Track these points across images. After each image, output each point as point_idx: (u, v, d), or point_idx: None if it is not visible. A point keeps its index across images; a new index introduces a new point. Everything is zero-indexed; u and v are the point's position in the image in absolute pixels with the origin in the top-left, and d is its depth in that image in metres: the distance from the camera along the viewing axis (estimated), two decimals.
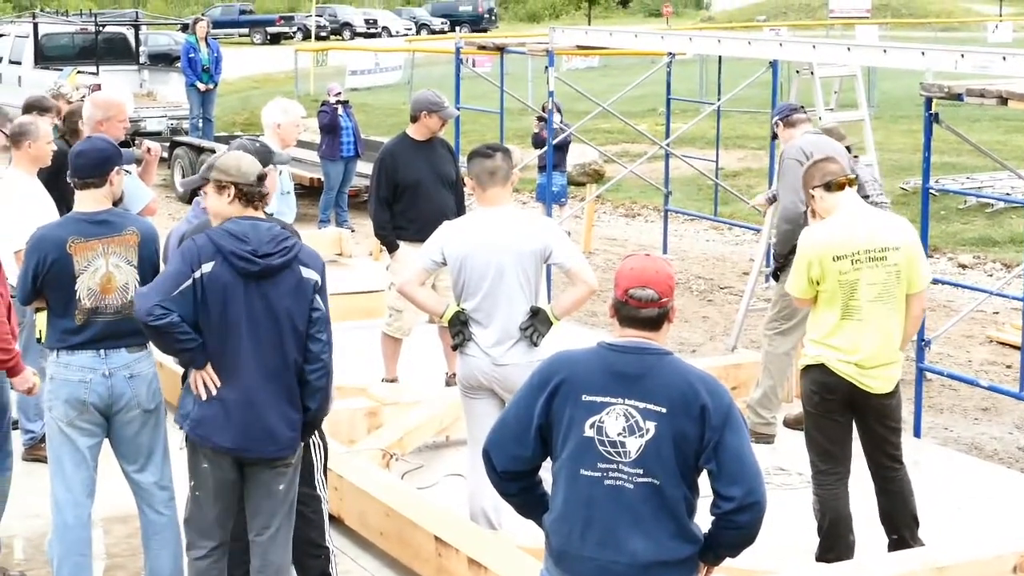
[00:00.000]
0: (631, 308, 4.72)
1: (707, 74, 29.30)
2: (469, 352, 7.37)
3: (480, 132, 23.70)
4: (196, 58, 22.72)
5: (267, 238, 5.94)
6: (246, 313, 5.90)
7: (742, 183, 21.76)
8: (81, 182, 6.63)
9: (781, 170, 9.51)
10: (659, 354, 4.70)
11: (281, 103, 9.32)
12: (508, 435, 4.82)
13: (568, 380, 4.70)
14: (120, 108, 8.98)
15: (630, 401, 4.62)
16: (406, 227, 10.15)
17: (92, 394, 6.57)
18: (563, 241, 7.43)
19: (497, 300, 7.27)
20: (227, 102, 32.47)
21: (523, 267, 7.28)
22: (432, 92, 10.51)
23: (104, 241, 6.59)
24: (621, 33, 15.56)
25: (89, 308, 6.55)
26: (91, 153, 6.65)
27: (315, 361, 5.96)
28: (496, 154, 7.46)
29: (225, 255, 5.89)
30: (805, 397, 7.31)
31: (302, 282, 5.95)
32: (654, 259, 4.84)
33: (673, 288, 4.78)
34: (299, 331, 5.94)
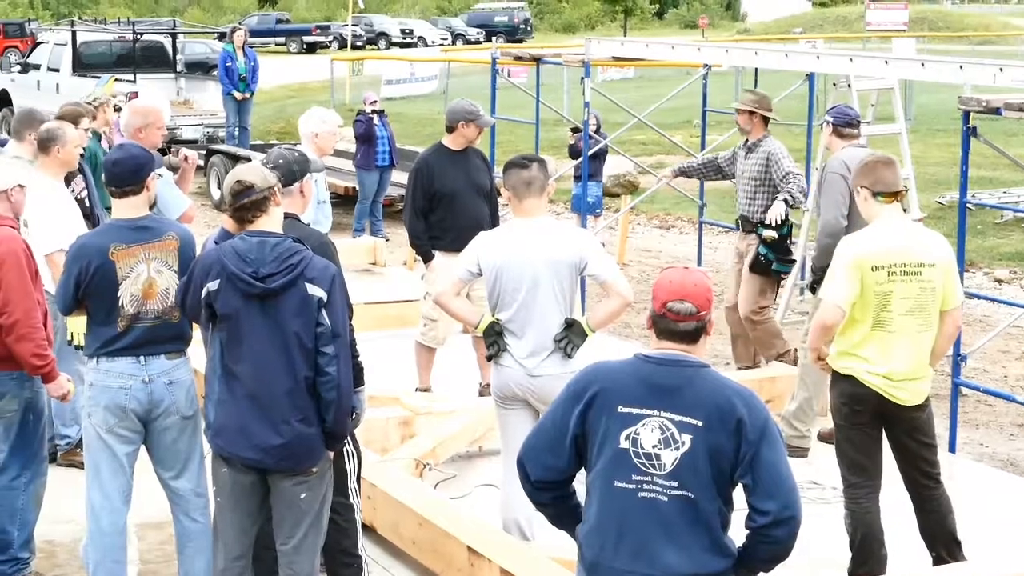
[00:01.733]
0: (669, 321, 4.72)
1: (743, 86, 29.23)
2: (503, 363, 7.37)
3: (515, 143, 23.72)
4: (233, 67, 22.80)
5: (271, 257, 5.93)
6: (253, 331, 5.94)
7: None
8: (119, 190, 6.67)
9: (823, 183, 9.47)
10: (696, 367, 4.70)
11: (318, 112, 9.35)
12: (543, 444, 4.83)
13: (604, 391, 4.70)
14: (158, 115, 9.03)
15: (666, 413, 4.62)
16: (441, 237, 10.17)
17: (132, 400, 6.61)
18: (598, 253, 7.42)
19: (532, 311, 7.27)
20: (263, 111, 32.56)
21: (558, 278, 7.28)
22: (467, 101, 10.54)
23: (145, 247, 6.63)
24: (658, 44, 15.54)
25: (131, 314, 6.60)
26: (127, 161, 6.68)
27: (324, 375, 5.95)
28: (532, 165, 7.46)
29: (228, 275, 5.95)
30: (834, 409, 7.28)
31: (307, 300, 5.93)
32: (692, 272, 4.83)
33: (711, 301, 4.77)
34: (307, 347, 5.93)
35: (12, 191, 7.36)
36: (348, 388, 6.04)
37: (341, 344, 5.98)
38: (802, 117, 16.19)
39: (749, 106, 11.07)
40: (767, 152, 10.94)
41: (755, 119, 11.06)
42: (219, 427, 6.06)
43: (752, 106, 11.05)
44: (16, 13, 76.37)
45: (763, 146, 11.01)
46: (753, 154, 11.06)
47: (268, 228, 6.06)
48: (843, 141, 9.54)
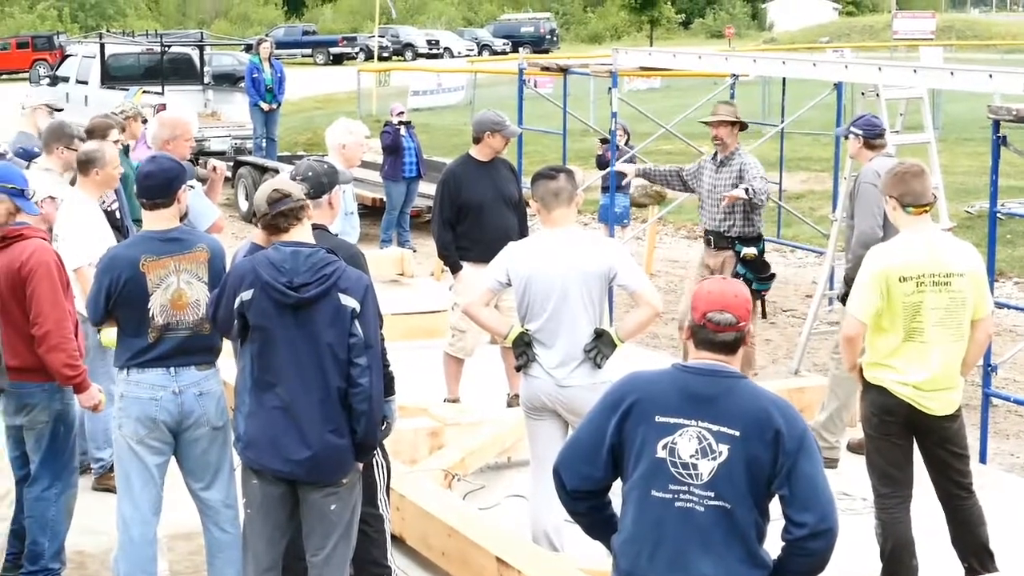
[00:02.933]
0: (709, 332, 4.73)
1: (770, 95, 29.21)
2: (533, 373, 7.37)
3: (542, 153, 23.71)
4: (260, 78, 22.86)
5: (305, 267, 5.95)
6: (286, 341, 5.96)
7: (805, 205, 21.65)
8: (150, 203, 6.68)
9: (856, 194, 9.43)
10: (734, 377, 4.70)
11: (346, 124, 9.37)
12: (579, 454, 4.83)
13: (642, 401, 4.71)
14: (186, 127, 9.06)
15: (704, 423, 4.62)
16: (469, 248, 10.18)
17: (163, 412, 6.63)
18: (628, 263, 7.42)
19: (561, 321, 7.27)
20: (290, 122, 32.65)
21: (587, 288, 7.28)
22: (494, 112, 10.55)
23: (176, 258, 6.65)
24: (685, 54, 15.53)
25: (162, 325, 6.62)
26: (159, 174, 6.69)
27: (355, 386, 5.95)
28: (560, 175, 7.46)
29: (262, 285, 5.96)
30: (865, 419, 7.26)
31: (340, 310, 5.94)
32: (731, 283, 4.84)
33: (750, 312, 4.79)
34: (339, 358, 5.94)
35: (43, 203, 7.40)
36: (379, 399, 6.05)
37: (373, 355, 5.99)
38: (830, 127, 16.16)
39: (731, 117, 10.87)
40: (740, 164, 10.79)
41: (735, 130, 10.89)
42: (249, 439, 6.08)
43: (733, 116, 10.86)
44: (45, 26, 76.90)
45: (736, 158, 10.85)
46: (726, 168, 10.88)
47: (301, 239, 6.08)
48: (872, 152, 9.50)
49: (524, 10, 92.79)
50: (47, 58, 55.91)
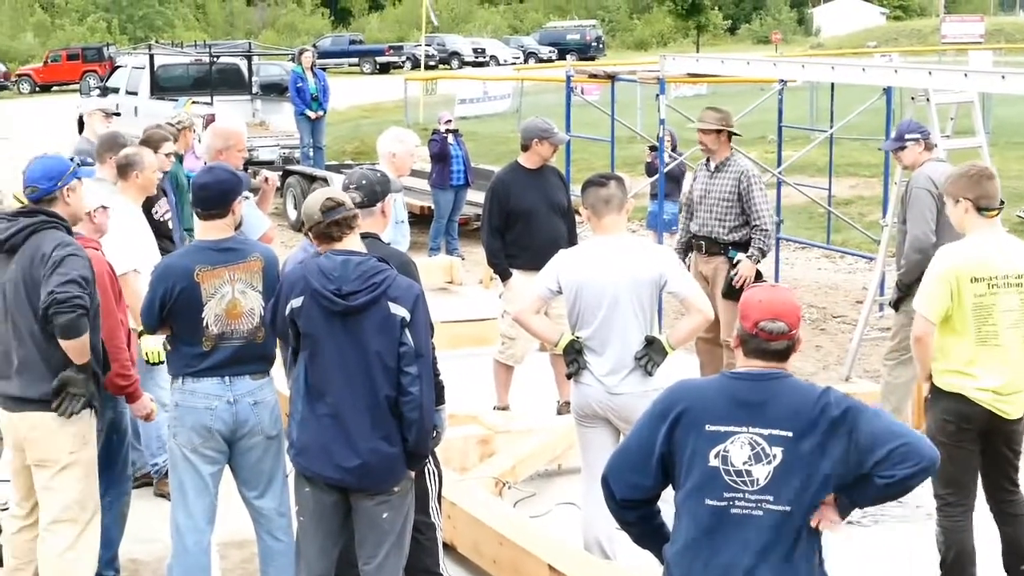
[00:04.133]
0: (761, 340, 4.70)
1: (818, 101, 29.07)
2: (583, 381, 7.36)
3: (589, 160, 23.69)
4: (304, 87, 22.96)
5: (355, 275, 5.95)
6: (336, 348, 5.96)
7: (854, 211, 21.55)
8: (205, 213, 6.71)
9: (908, 199, 9.36)
10: (779, 378, 4.68)
11: (396, 132, 9.38)
12: (628, 463, 4.81)
13: (691, 410, 4.69)
14: (239, 138, 9.10)
15: (755, 429, 4.60)
16: (518, 255, 10.18)
17: (217, 421, 6.65)
18: (678, 269, 7.40)
19: (612, 329, 7.26)
20: (337, 131, 32.75)
21: (638, 296, 7.26)
22: (541, 119, 10.55)
23: (230, 268, 6.67)
24: (733, 60, 15.50)
25: (216, 334, 6.63)
26: (215, 185, 6.71)
27: (405, 394, 5.94)
28: (610, 182, 7.45)
29: (311, 292, 5.98)
30: (937, 427, 7.06)
31: (389, 319, 5.93)
32: (782, 290, 4.81)
33: (801, 319, 4.76)
34: (389, 367, 5.93)
35: (96, 213, 7.42)
36: (430, 408, 6.03)
37: (424, 364, 5.97)
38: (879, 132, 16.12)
39: (717, 124, 10.69)
40: (739, 172, 10.58)
41: (722, 137, 10.68)
42: (302, 446, 6.09)
43: (720, 124, 10.67)
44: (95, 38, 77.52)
45: (732, 165, 10.65)
46: (722, 173, 10.67)
47: (352, 247, 6.10)
48: (930, 154, 9.48)
49: (570, 17, 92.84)
50: (97, 70, 56.26)
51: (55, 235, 6.63)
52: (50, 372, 6.62)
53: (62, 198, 6.78)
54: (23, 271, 6.61)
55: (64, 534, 6.75)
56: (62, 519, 6.75)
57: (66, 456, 6.71)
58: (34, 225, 6.67)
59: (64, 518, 6.75)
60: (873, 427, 4.55)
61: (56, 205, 6.76)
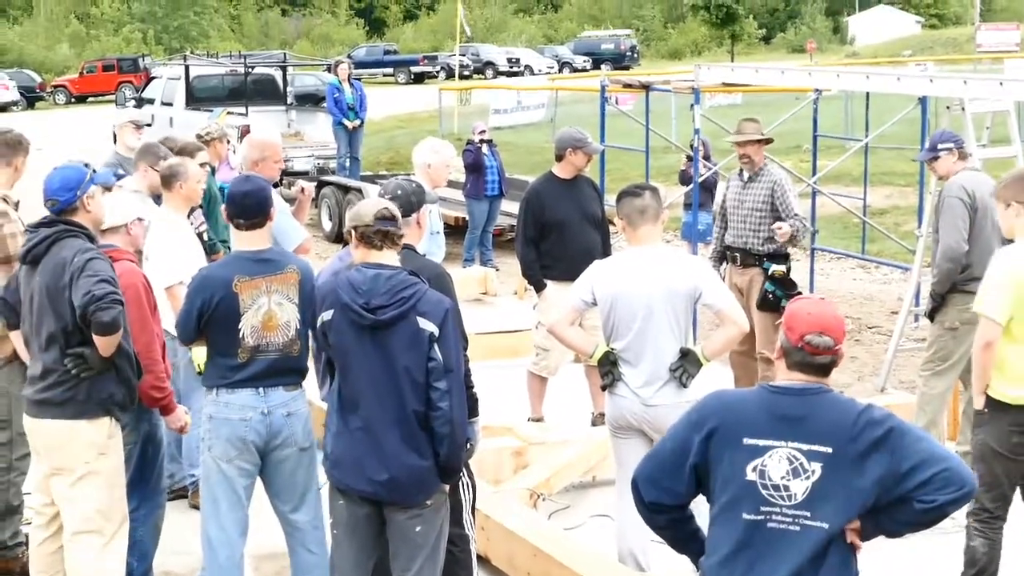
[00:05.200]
0: (806, 354, 4.68)
1: (853, 110, 28.98)
2: (618, 392, 7.34)
3: (624, 171, 23.67)
4: (341, 98, 23.00)
5: (384, 288, 5.95)
6: (365, 362, 5.98)
7: (889, 221, 21.48)
8: (248, 222, 6.73)
9: (941, 208, 9.31)
10: (821, 392, 4.65)
11: (432, 143, 9.38)
12: (660, 467, 4.80)
13: (728, 423, 4.67)
14: (275, 149, 9.11)
15: (794, 444, 4.57)
16: (553, 266, 10.17)
17: (252, 432, 6.66)
18: (714, 281, 7.38)
19: (647, 340, 7.25)
20: (372, 141, 32.80)
21: (673, 307, 7.25)
22: (575, 129, 10.53)
23: (267, 279, 6.69)
24: (768, 70, 15.45)
25: (252, 346, 6.65)
26: (256, 193, 6.74)
27: (435, 409, 5.95)
28: (645, 193, 7.43)
29: (341, 306, 5.99)
30: (999, 439, 6.95)
31: (418, 334, 5.93)
32: (828, 304, 4.79)
33: (845, 334, 4.74)
34: (417, 382, 5.93)
35: (132, 225, 7.45)
36: (461, 422, 6.02)
37: (454, 379, 5.96)
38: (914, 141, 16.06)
39: (758, 135, 10.66)
40: (772, 181, 10.58)
41: (761, 147, 10.70)
42: (336, 459, 6.10)
43: (759, 134, 10.66)
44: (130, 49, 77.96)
45: (766, 175, 10.65)
46: (755, 183, 10.66)
47: (388, 261, 6.09)
48: (964, 163, 9.42)
49: (604, 27, 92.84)
50: (132, 80, 56.60)
51: (75, 243, 6.68)
52: (71, 379, 6.65)
53: (82, 207, 6.81)
54: (47, 280, 6.65)
55: (89, 545, 6.74)
56: (84, 530, 6.74)
57: (81, 465, 6.70)
58: (55, 235, 6.72)
59: (86, 529, 6.74)
60: (916, 449, 4.52)
61: (77, 214, 6.81)
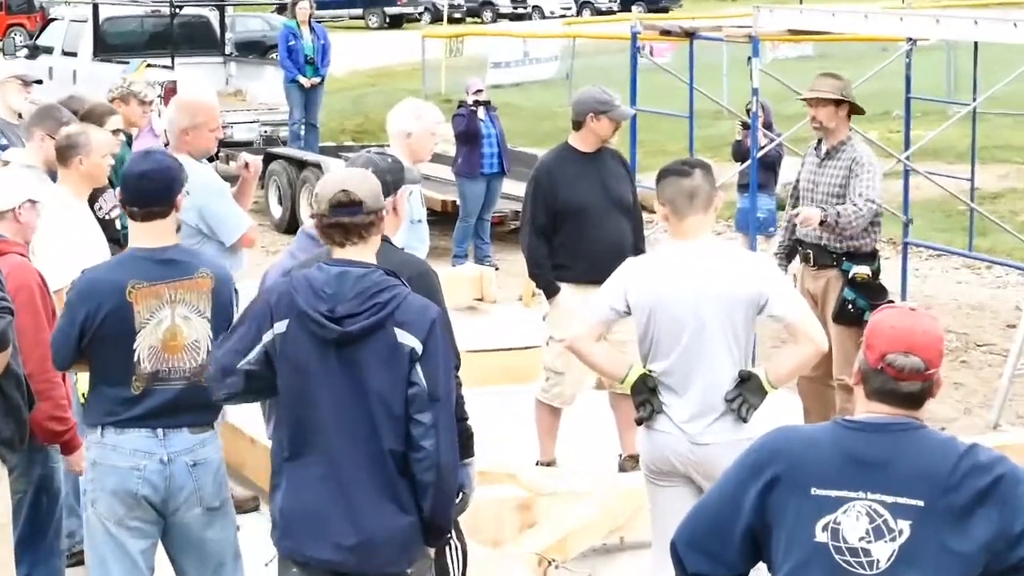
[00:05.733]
0: (888, 379, 4.64)
1: (958, 65, 29.00)
2: (659, 427, 7.31)
3: (660, 141, 23.70)
4: (297, 47, 22.98)
5: (353, 291, 5.84)
6: (328, 389, 5.88)
7: (1004, 208, 21.50)
8: (144, 211, 6.62)
9: None
10: (908, 429, 4.63)
11: (412, 106, 9.37)
12: (706, 528, 4.79)
13: (792, 468, 4.64)
14: (211, 113, 9.09)
15: (875, 495, 4.55)
16: (569, 265, 10.18)
17: (146, 485, 6.58)
18: (783, 286, 7.36)
19: (697, 362, 7.23)
20: (336, 103, 32.80)
21: (731, 319, 7.23)
22: (599, 89, 10.52)
23: (171, 286, 6.60)
24: (846, 13, 15.42)
25: (149, 373, 6.56)
26: (157, 174, 6.63)
27: (418, 450, 5.84)
28: (695, 171, 7.40)
29: (298, 314, 5.88)
30: None
31: (396, 350, 5.83)
32: (921, 316, 4.73)
33: (943, 355, 4.69)
34: (395, 413, 5.84)
35: (21, 209, 7.39)
36: (451, 467, 5.94)
37: (442, 410, 5.87)
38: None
39: (834, 94, 10.58)
40: (852, 159, 10.54)
41: (840, 113, 10.61)
42: (288, 521, 5.97)
43: (838, 94, 10.58)
44: None
45: (847, 151, 10.61)
46: (833, 160, 10.65)
47: (359, 257, 5.99)
48: None
49: None
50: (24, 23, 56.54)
51: None
52: None
53: None
54: None
55: None
56: None
57: None
58: None
59: None
60: None
61: None
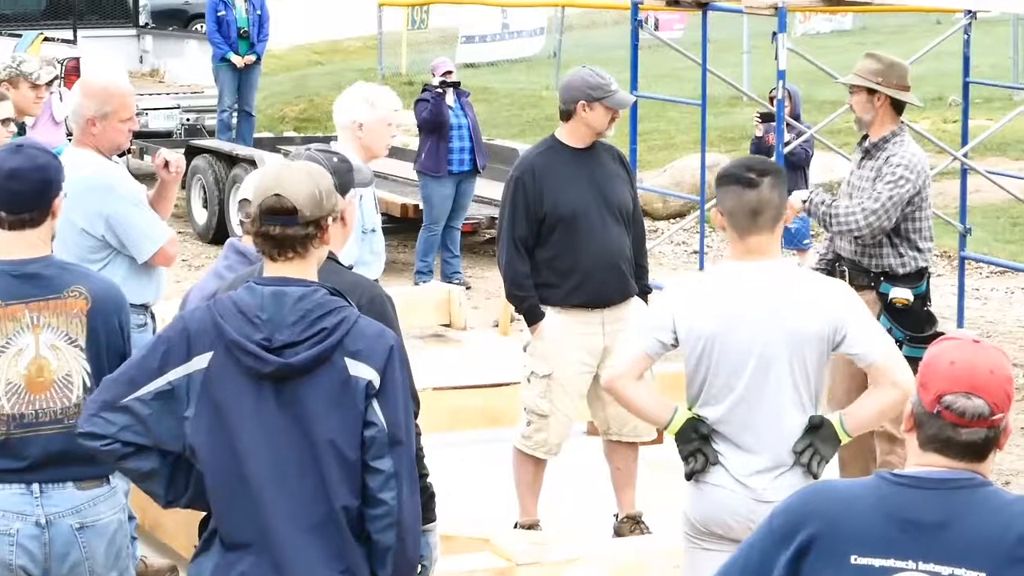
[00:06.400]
0: (945, 425, 4.61)
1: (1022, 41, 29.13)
2: (713, 481, 7.23)
3: (667, 133, 23.76)
4: (228, 18, 23.01)
5: (293, 316, 5.80)
6: (263, 435, 5.82)
7: None
8: (14, 217, 6.56)
9: None
10: (972, 487, 4.63)
11: (364, 92, 9.39)
12: None
13: (828, 531, 4.65)
14: (124, 99, 9.06)
15: (927, 565, 4.56)
16: (556, 284, 10.17)
17: (21, 553, 6.52)
18: (865, 318, 7.29)
19: (759, 405, 7.21)
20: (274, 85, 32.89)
21: (800, 357, 7.21)
22: (591, 71, 10.51)
23: (34, 307, 6.54)
24: None
25: (9, 415, 6.51)
26: (30, 173, 6.56)
27: (375, 505, 5.81)
28: (763, 181, 7.23)
29: (226, 345, 5.83)
30: None
31: (348, 385, 5.80)
32: (987, 350, 4.69)
33: (1012, 397, 4.66)
34: (347, 459, 5.80)
35: None
36: (415, 526, 5.93)
37: (404, 455, 5.86)
38: None
39: (870, 80, 10.51)
40: (886, 159, 10.49)
41: (880, 103, 10.52)
42: None
43: (874, 80, 10.49)
44: None
45: (887, 149, 10.54)
46: (870, 160, 10.62)
47: (297, 274, 5.98)
48: None
49: None
50: None
51: None
52: None
53: None
54: None
55: None
56: None
57: None
58: None
59: None
60: None
61: None
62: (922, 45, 16.80)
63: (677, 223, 20.06)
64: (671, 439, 7.42)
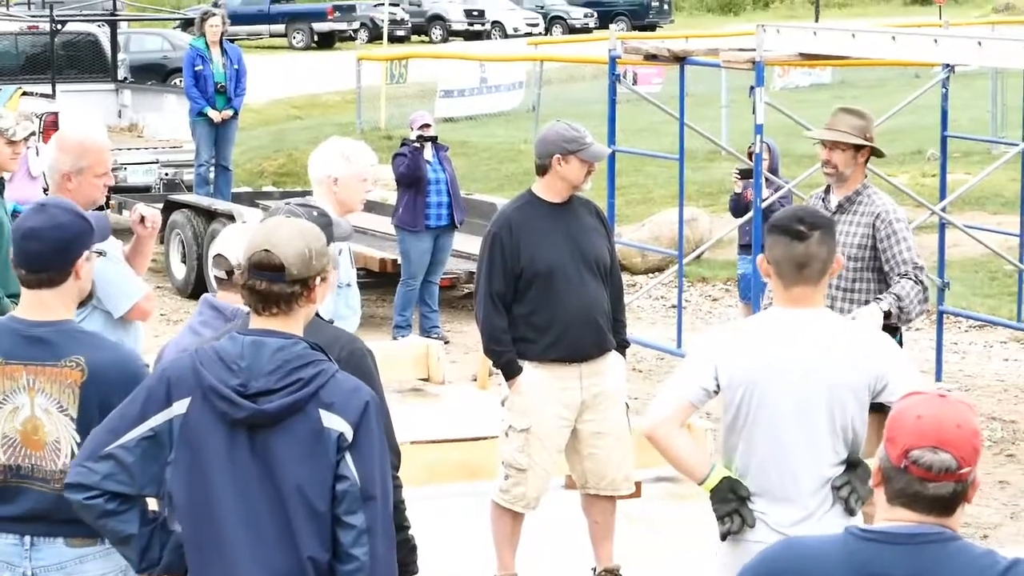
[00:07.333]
0: (912, 479, 4.61)
1: (1005, 96, 29.16)
2: (753, 538, 7.17)
3: (646, 187, 23.73)
4: (205, 72, 22.99)
5: (271, 366, 5.81)
6: (235, 481, 5.82)
7: None
8: (33, 276, 6.57)
9: None
10: (939, 541, 4.62)
11: (339, 147, 9.39)
12: None
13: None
14: (100, 154, 9.01)
15: None
16: (533, 339, 10.21)
17: None
18: (906, 368, 7.32)
19: (798, 452, 7.21)
20: (252, 139, 32.85)
21: (841, 406, 7.20)
22: (565, 124, 10.51)
23: (32, 369, 6.52)
24: (870, 33, 15.54)
25: (4, 465, 6.52)
26: (48, 232, 6.55)
27: (347, 560, 5.80)
28: (813, 236, 7.21)
29: (204, 390, 5.84)
30: None
31: (320, 436, 5.79)
32: (953, 404, 4.68)
33: (979, 451, 4.68)
34: (316, 510, 5.79)
35: None
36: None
37: (379, 511, 5.85)
38: None
39: (854, 135, 10.47)
40: (876, 213, 10.43)
41: (860, 157, 10.52)
42: None
43: (860, 136, 10.45)
44: None
45: (864, 202, 10.51)
46: (847, 215, 10.51)
47: (281, 328, 5.95)
48: None
49: None
50: None
51: None
52: None
53: None
54: None
55: None
56: None
57: None
58: None
59: None
60: None
61: None
62: (901, 99, 16.82)
63: (655, 277, 20.05)
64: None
